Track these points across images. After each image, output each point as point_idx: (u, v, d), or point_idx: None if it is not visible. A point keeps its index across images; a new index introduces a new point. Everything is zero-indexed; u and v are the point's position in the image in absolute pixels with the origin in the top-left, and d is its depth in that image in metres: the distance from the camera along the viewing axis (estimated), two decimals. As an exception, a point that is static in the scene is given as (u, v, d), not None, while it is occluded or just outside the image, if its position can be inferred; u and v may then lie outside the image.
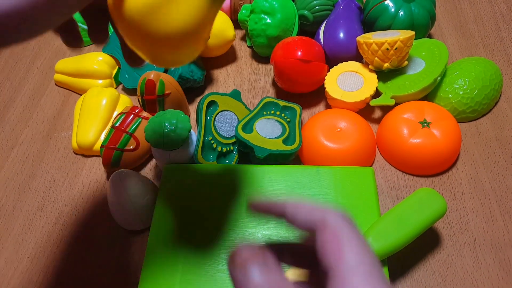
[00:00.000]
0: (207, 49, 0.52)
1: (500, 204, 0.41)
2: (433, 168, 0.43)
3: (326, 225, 0.17)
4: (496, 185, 0.42)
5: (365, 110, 0.48)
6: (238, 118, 0.46)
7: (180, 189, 0.38)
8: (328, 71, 0.49)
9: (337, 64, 0.49)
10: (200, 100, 0.44)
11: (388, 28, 0.49)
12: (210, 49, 0.52)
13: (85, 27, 0.64)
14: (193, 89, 0.52)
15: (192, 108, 0.51)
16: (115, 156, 0.44)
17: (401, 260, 0.38)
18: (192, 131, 0.43)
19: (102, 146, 0.44)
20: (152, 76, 0.44)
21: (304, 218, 0.18)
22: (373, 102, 0.46)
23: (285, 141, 0.42)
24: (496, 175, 0.43)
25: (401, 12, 0.48)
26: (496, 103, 0.49)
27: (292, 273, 0.30)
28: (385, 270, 0.32)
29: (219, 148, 0.43)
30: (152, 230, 0.36)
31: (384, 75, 0.48)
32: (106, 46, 0.54)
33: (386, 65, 0.45)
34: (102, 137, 0.47)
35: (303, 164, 0.45)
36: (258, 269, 0.16)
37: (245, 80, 0.54)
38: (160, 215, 0.36)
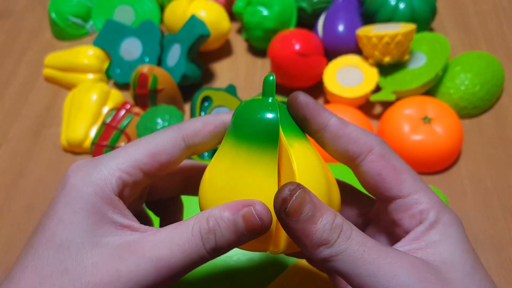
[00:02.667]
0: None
1: (502, 203, 0.40)
2: (434, 166, 0.42)
3: (375, 153, 0.18)
4: (498, 183, 0.41)
5: (365, 106, 0.47)
6: (233, 114, 0.45)
7: (173, 188, 0.37)
8: (327, 65, 0.47)
9: (336, 58, 0.47)
10: (194, 95, 0.43)
11: (388, 21, 0.47)
12: (205, 42, 0.50)
13: (76, 20, 0.62)
14: (187, 85, 0.51)
15: (187, 105, 0.50)
16: (106, 153, 0.42)
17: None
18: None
19: (92, 143, 0.43)
20: (145, 70, 0.42)
21: (345, 146, 0.18)
22: (373, 98, 0.45)
23: (282, 138, 0.41)
24: (498, 173, 0.42)
25: (402, 5, 0.47)
26: (498, 99, 0.48)
27: None
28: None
29: (214, 145, 0.42)
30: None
31: (384, 70, 0.47)
32: (97, 39, 0.52)
33: (386, 59, 0.44)
34: (92, 134, 0.45)
35: (301, 162, 0.44)
36: None
37: (241, 74, 0.53)
38: (152, 214, 0.35)
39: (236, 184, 0.17)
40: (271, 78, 0.19)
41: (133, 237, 0.16)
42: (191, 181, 0.22)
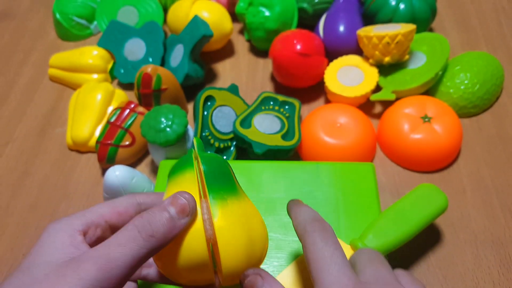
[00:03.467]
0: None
1: (501, 201, 0.41)
2: (434, 164, 0.42)
3: (305, 233, 0.21)
4: (498, 182, 0.42)
5: (366, 105, 0.48)
6: (236, 113, 0.45)
7: (177, 186, 0.37)
8: (328, 65, 0.48)
9: (337, 58, 0.48)
10: (197, 94, 0.43)
11: (389, 21, 0.48)
12: (207, 43, 0.51)
13: (80, 21, 0.62)
14: (190, 85, 0.51)
15: (190, 105, 0.50)
16: (111, 152, 0.43)
17: (401, 257, 0.37)
18: (189, 126, 0.42)
19: (97, 142, 0.44)
20: (149, 69, 0.43)
21: (296, 228, 0.22)
22: (373, 97, 0.45)
23: (284, 137, 0.42)
24: (498, 171, 0.43)
25: (402, 6, 0.47)
26: (498, 98, 0.49)
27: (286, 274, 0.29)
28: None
29: (216, 144, 0.42)
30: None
31: (384, 70, 0.47)
32: (101, 39, 0.53)
33: (386, 59, 0.45)
34: (97, 133, 0.46)
35: (302, 160, 0.44)
36: None
37: (243, 74, 0.53)
38: None
39: None
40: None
41: (82, 253, 0.19)
42: None
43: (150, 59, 0.51)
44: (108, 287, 0.17)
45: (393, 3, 0.47)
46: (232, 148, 0.44)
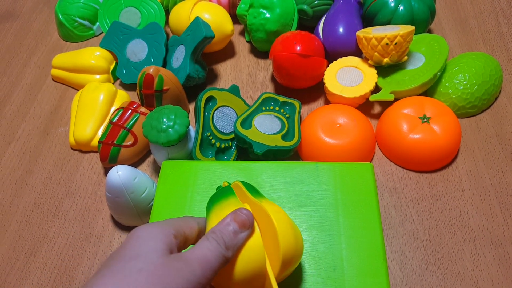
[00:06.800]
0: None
1: (499, 200, 0.41)
2: (432, 164, 0.43)
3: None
4: (496, 181, 0.42)
5: (365, 106, 0.48)
6: (236, 114, 0.46)
7: (178, 186, 0.38)
8: (328, 66, 0.48)
9: (336, 59, 0.48)
10: (199, 95, 0.44)
11: (388, 23, 0.48)
12: (209, 44, 0.51)
13: (83, 21, 0.63)
14: (192, 86, 0.52)
15: (192, 105, 0.51)
16: (113, 151, 0.43)
17: (400, 256, 0.38)
18: (190, 127, 0.43)
19: (99, 141, 0.44)
20: (151, 70, 0.43)
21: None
22: (372, 98, 0.46)
23: (284, 137, 0.42)
24: (496, 170, 0.43)
25: (401, 7, 0.47)
26: (496, 98, 0.49)
27: None
28: (384, 266, 0.32)
29: (217, 144, 0.43)
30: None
31: (383, 70, 0.48)
32: (103, 40, 0.53)
33: (385, 60, 0.45)
34: (100, 133, 0.46)
35: (302, 160, 0.45)
36: None
37: (244, 75, 0.54)
38: (158, 211, 0.36)
39: None
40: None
41: (180, 253, 0.24)
42: None
43: (152, 60, 0.51)
44: (203, 283, 0.22)
45: (392, 4, 0.48)
46: (233, 148, 0.44)
